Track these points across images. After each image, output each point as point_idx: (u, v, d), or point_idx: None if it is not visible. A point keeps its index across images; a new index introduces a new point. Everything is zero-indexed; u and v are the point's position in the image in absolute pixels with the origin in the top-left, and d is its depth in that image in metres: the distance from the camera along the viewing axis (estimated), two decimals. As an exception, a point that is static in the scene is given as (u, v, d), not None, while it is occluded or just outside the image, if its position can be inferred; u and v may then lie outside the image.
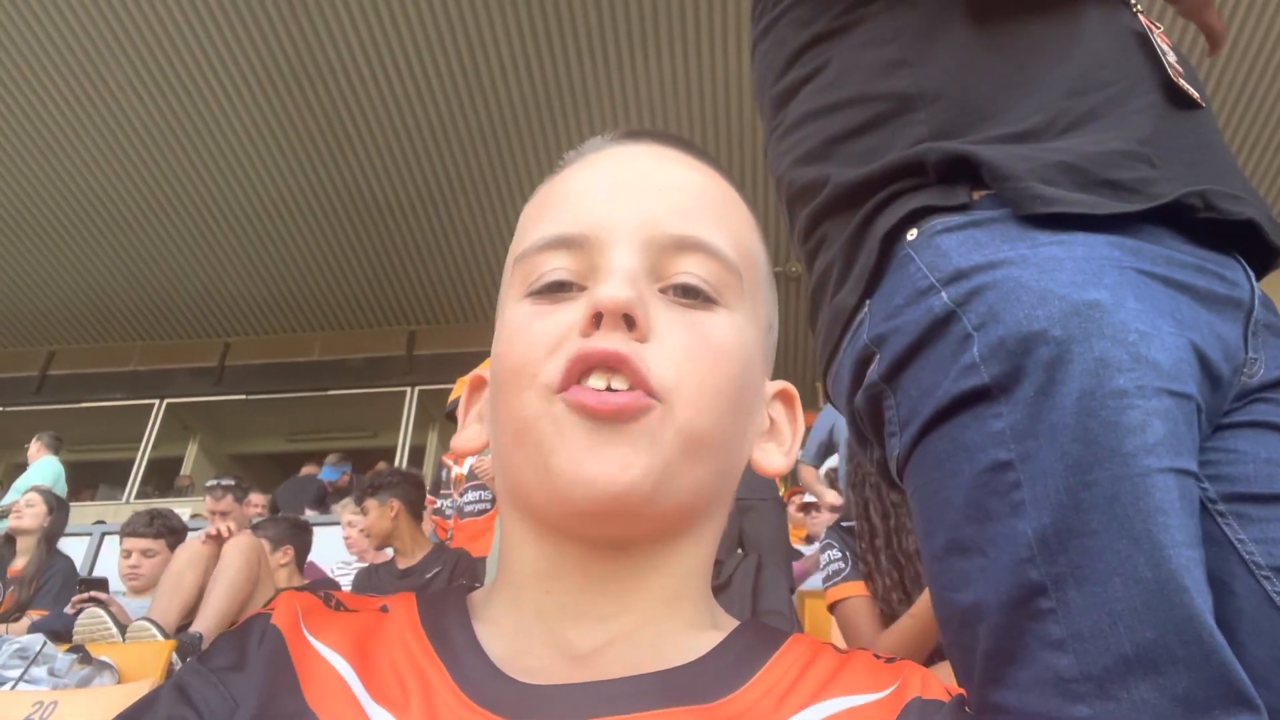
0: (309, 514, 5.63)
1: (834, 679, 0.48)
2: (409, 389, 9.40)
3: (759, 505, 3.77)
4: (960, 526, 0.66)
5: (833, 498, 4.27)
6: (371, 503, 3.65)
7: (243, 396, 9.79)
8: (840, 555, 2.20)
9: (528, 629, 0.51)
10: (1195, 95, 0.79)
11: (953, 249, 0.70)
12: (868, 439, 0.79)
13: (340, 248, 8.41)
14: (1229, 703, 0.56)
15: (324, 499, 6.91)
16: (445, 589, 0.58)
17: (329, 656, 0.48)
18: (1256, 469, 0.68)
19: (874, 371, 0.74)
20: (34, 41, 6.26)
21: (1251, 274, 0.75)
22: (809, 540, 5.13)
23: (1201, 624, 0.57)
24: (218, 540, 3.15)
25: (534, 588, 0.52)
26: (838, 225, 0.81)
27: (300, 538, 3.90)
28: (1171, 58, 0.80)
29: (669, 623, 0.51)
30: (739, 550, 3.49)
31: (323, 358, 9.72)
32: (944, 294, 0.68)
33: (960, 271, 0.68)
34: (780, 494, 4.79)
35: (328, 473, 7.50)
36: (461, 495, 4.09)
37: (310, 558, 4.13)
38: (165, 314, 9.45)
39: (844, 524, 2.30)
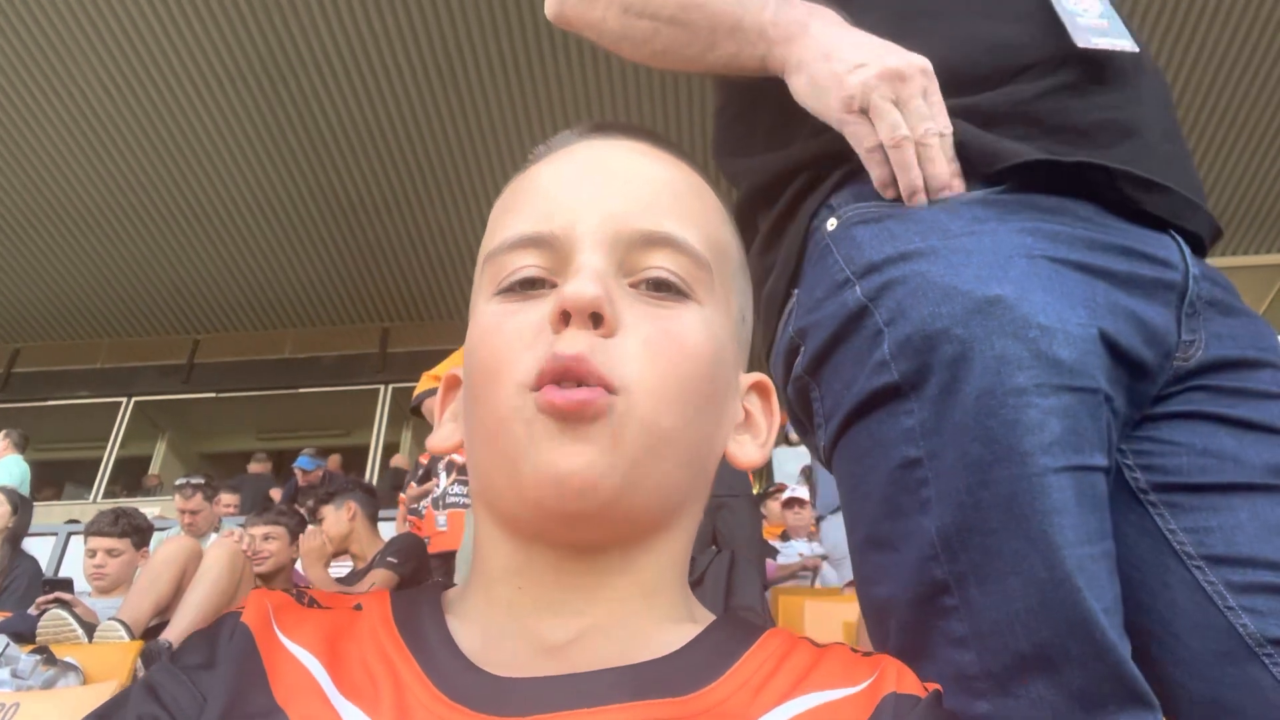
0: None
1: (810, 673, 0.48)
2: (382, 387, 9.35)
3: (732, 503, 3.79)
4: (877, 521, 0.66)
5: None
6: (327, 509, 3.62)
7: (212, 394, 9.69)
8: None
9: (500, 623, 0.51)
10: (1116, 48, 0.74)
11: (867, 241, 0.69)
12: (805, 426, 0.79)
13: (312, 244, 8.34)
14: (1122, 700, 0.58)
15: (294, 494, 6.83)
16: (419, 587, 0.58)
17: (299, 654, 0.48)
18: (1191, 460, 0.68)
19: (799, 364, 0.74)
20: (1, 38, 6.16)
21: (1187, 251, 0.72)
22: (785, 537, 5.16)
23: (1094, 624, 0.58)
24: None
25: (506, 584, 0.52)
26: (763, 212, 0.82)
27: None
28: (1089, 18, 0.75)
29: (644, 617, 0.51)
30: (713, 547, 3.50)
31: (294, 355, 9.63)
32: (858, 288, 0.68)
33: (873, 265, 0.68)
34: (753, 491, 4.81)
35: (304, 461, 7.38)
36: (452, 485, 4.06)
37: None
38: (133, 310, 9.32)
39: None
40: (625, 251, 0.51)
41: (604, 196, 0.53)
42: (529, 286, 0.51)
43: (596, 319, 0.48)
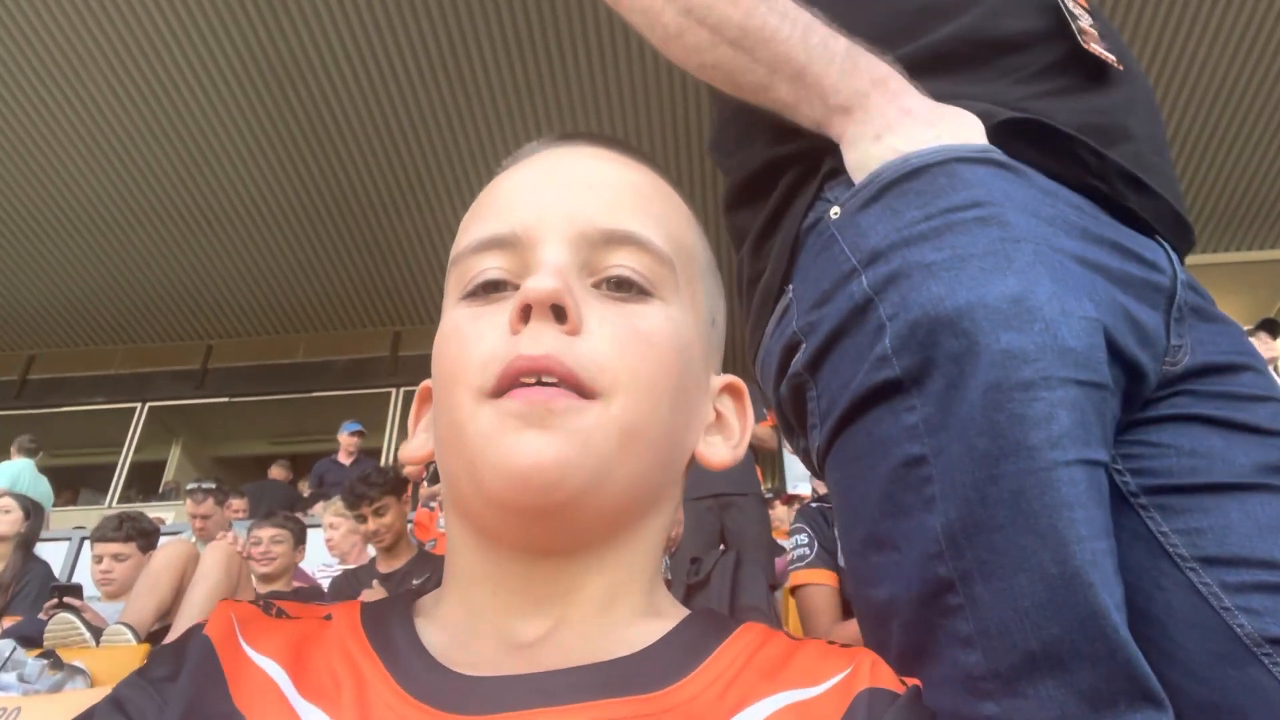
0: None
1: (783, 669, 0.47)
2: (394, 390, 9.37)
3: (740, 501, 3.76)
4: (876, 521, 0.65)
5: (764, 432, 4.05)
6: (390, 499, 3.41)
7: (226, 399, 9.74)
8: (807, 541, 2.18)
9: (472, 621, 0.50)
10: (1110, 59, 0.75)
11: (871, 225, 0.68)
12: (794, 428, 0.78)
13: (324, 249, 8.38)
14: (1133, 698, 0.56)
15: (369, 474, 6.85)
16: (392, 595, 0.57)
17: (262, 663, 0.47)
18: (1179, 461, 0.67)
19: (799, 360, 0.72)
20: (12, 43, 6.21)
21: (1175, 256, 0.72)
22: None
23: (1106, 619, 0.56)
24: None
25: (479, 588, 0.51)
26: (754, 208, 0.80)
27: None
28: (1084, 21, 0.76)
29: (615, 615, 0.50)
30: (720, 546, 3.48)
31: (307, 360, 9.68)
32: (864, 278, 0.66)
33: (877, 251, 0.66)
34: (762, 491, 4.79)
35: (350, 425, 7.44)
36: None
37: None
38: (147, 316, 9.39)
39: (816, 504, 2.29)
40: (588, 251, 0.51)
41: (566, 198, 0.53)
42: (492, 289, 0.51)
43: (559, 314, 0.47)
